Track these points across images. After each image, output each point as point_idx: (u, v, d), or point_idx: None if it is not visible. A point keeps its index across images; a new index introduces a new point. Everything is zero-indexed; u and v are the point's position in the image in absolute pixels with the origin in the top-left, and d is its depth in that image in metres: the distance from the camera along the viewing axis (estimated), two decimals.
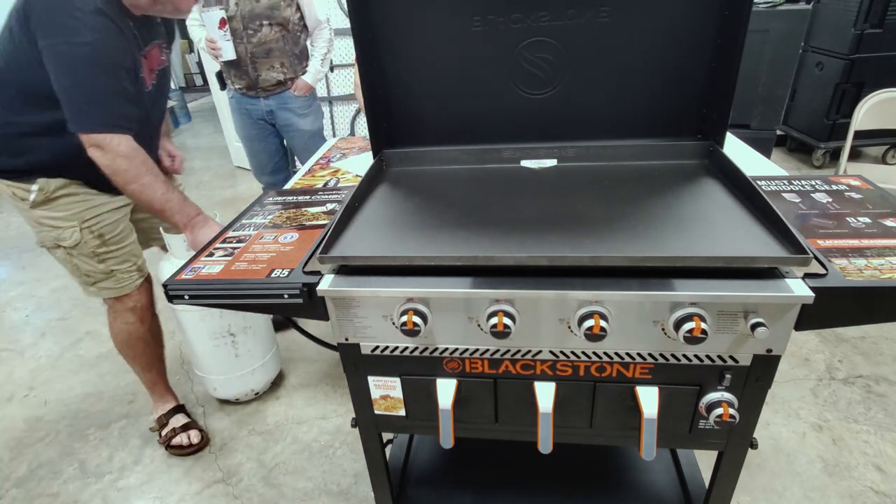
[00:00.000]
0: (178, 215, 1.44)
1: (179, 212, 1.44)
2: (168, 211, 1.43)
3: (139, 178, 1.36)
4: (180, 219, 1.45)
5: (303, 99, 2.50)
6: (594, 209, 0.98)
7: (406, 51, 1.18)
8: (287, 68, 2.40)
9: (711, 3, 1.05)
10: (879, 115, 2.49)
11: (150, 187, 1.39)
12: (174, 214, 1.44)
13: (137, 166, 1.35)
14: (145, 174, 1.37)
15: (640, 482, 1.31)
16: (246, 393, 2.02)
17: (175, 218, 1.44)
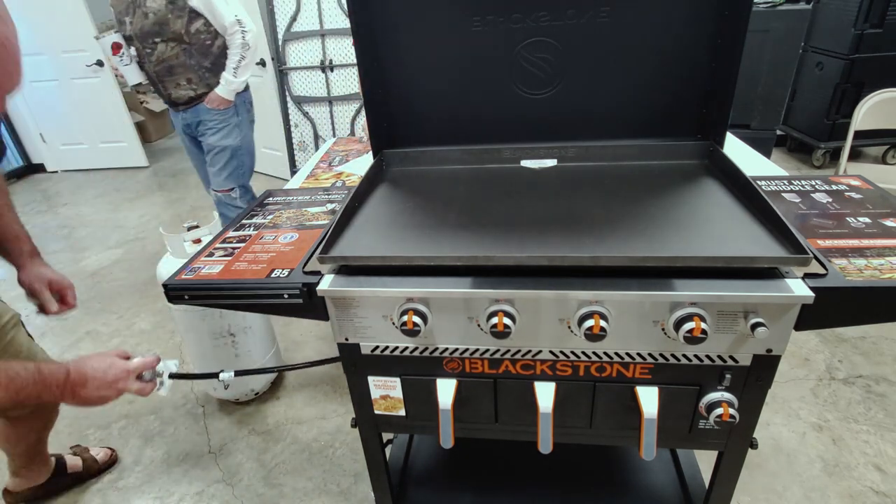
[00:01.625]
0: (42, 387, 0.97)
1: (44, 385, 0.96)
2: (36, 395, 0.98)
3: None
4: (54, 389, 0.98)
5: (216, 112, 2.29)
6: (594, 209, 0.98)
7: (406, 51, 1.18)
8: (197, 83, 2.23)
9: (711, 3, 1.05)
10: (879, 115, 2.49)
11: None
12: (38, 389, 0.97)
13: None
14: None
15: (640, 482, 1.31)
16: (246, 393, 2.02)
17: (47, 394, 0.98)
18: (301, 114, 3.69)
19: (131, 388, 1.03)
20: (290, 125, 3.77)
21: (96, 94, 4.61)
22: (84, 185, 4.63)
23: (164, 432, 1.96)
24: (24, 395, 0.96)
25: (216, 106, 2.27)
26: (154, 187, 4.46)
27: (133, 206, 4.10)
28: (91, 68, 4.45)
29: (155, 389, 1.08)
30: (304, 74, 3.58)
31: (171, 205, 4.07)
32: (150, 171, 4.86)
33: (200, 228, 1.78)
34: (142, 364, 1.05)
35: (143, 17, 2.06)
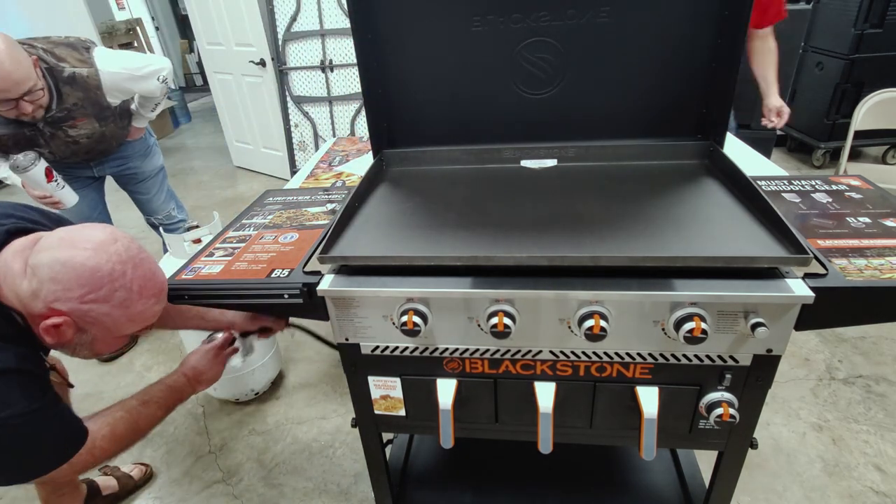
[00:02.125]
0: (179, 394, 1.12)
1: (179, 392, 1.12)
2: (174, 402, 1.13)
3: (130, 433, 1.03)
4: (186, 389, 1.14)
5: (138, 142, 2.22)
6: (594, 209, 0.98)
7: (406, 51, 1.18)
8: (120, 136, 2.07)
9: (711, 3, 1.05)
10: (879, 115, 2.49)
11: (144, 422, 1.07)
12: (179, 396, 1.12)
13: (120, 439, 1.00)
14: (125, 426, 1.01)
15: (640, 482, 1.31)
16: (246, 393, 2.02)
17: (185, 395, 1.14)
18: (301, 114, 3.69)
19: (227, 357, 1.22)
20: (290, 125, 3.77)
21: None
22: None
23: (164, 432, 1.96)
24: (158, 418, 1.08)
25: (136, 137, 2.17)
26: None
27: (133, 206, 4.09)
28: None
29: (240, 354, 1.28)
30: (304, 74, 3.58)
31: None
32: None
33: (200, 228, 1.78)
34: (222, 340, 1.22)
35: (68, 144, 1.85)
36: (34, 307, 0.85)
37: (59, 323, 0.84)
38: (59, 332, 0.86)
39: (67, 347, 0.92)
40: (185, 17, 6.88)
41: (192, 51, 7.67)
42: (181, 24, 7.51)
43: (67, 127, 1.79)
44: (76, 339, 0.89)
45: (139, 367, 2.29)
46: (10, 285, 0.85)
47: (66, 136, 1.81)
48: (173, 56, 7.73)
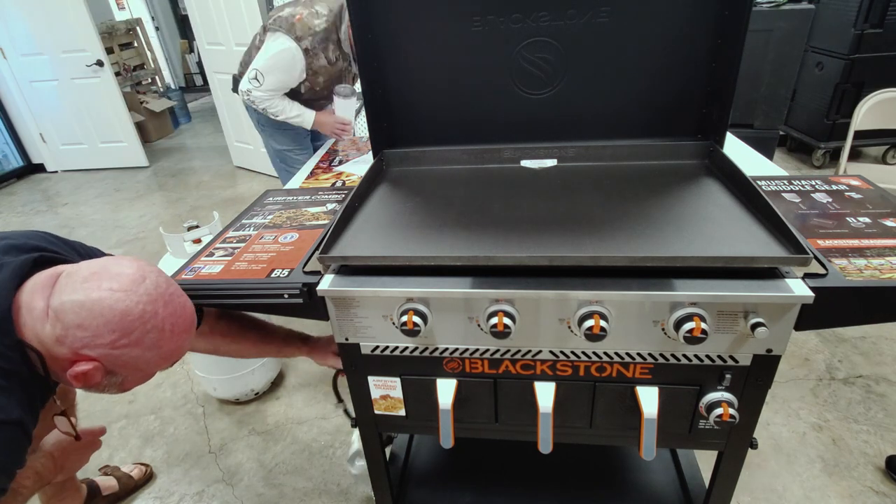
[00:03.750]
0: (42, 482, 0.98)
1: (42, 479, 0.98)
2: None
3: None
4: (48, 476, 0.99)
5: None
6: (594, 209, 0.98)
7: (406, 51, 1.18)
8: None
9: (711, 3, 1.05)
10: (879, 115, 2.49)
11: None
12: (41, 484, 0.98)
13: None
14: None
15: (640, 482, 1.31)
16: (246, 393, 2.02)
17: (46, 482, 0.99)
18: None
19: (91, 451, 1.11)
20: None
21: (96, 94, 4.61)
22: (84, 185, 4.63)
23: (164, 432, 1.96)
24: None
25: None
26: (154, 187, 4.46)
27: (133, 206, 4.10)
28: (91, 68, 4.45)
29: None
30: None
31: (171, 205, 4.06)
32: (150, 171, 4.86)
33: (200, 228, 1.78)
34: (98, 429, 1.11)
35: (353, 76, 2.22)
36: (59, 352, 0.79)
37: (89, 369, 0.79)
38: (88, 377, 0.80)
39: (94, 388, 0.85)
40: (185, 17, 6.89)
41: (192, 51, 7.67)
42: (181, 24, 7.51)
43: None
44: (105, 380, 0.83)
45: None
46: (31, 327, 0.79)
47: (353, 79, 2.21)
48: (173, 56, 7.74)
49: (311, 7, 1.95)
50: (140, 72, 5.76)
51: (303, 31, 1.91)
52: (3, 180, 4.77)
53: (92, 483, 1.65)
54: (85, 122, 4.77)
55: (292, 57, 1.94)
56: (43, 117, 4.79)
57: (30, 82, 4.62)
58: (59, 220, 3.99)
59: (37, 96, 4.68)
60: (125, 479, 1.71)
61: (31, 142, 4.90)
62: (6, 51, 4.47)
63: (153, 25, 7.27)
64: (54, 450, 1.01)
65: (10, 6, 4.26)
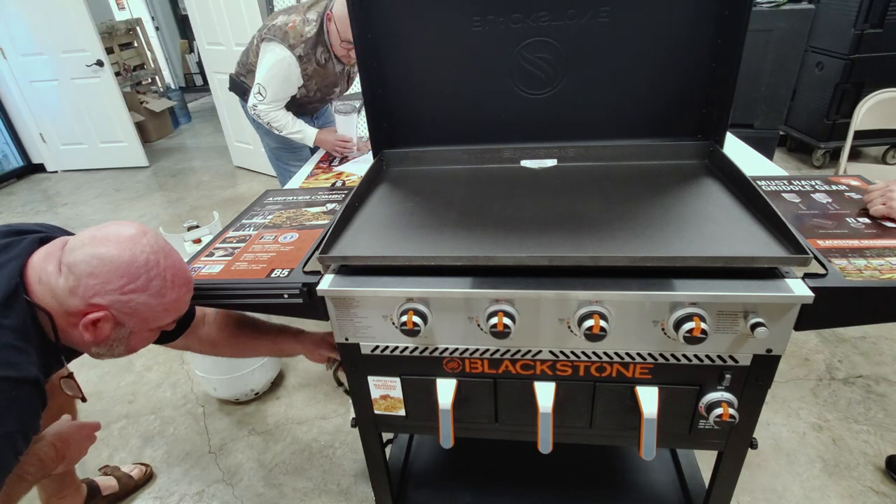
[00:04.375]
0: (45, 470, 1.00)
1: (46, 468, 1.00)
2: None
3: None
4: (50, 465, 1.02)
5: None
6: (594, 209, 0.98)
7: (406, 51, 1.18)
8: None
9: (711, 3, 1.05)
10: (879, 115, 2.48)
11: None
12: (44, 472, 1.01)
13: None
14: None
15: (640, 482, 1.31)
16: (246, 393, 2.02)
17: (48, 471, 1.02)
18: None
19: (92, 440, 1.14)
20: None
21: (96, 94, 4.61)
22: (84, 185, 4.63)
23: (164, 432, 1.96)
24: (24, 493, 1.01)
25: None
26: (154, 187, 4.46)
27: (133, 206, 4.10)
28: (91, 68, 4.45)
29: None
30: None
31: (171, 205, 4.06)
32: (150, 171, 4.86)
33: (200, 228, 1.78)
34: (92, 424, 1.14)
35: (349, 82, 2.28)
36: (72, 304, 0.86)
37: (100, 318, 0.86)
38: (98, 328, 0.88)
39: (104, 345, 0.93)
40: (185, 17, 6.89)
41: (192, 51, 7.67)
42: (181, 24, 7.51)
43: (354, 75, 2.26)
44: (114, 333, 0.91)
45: (139, 367, 2.29)
46: (46, 285, 0.87)
47: (348, 81, 2.26)
48: (173, 56, 7.74)
49: (303, 14, 1.98)
50: (140, 72, 5.76)
51: (295, 39, 1.96)
52: (3, 180, 4.77)
53: (92, 483, 1.65)
54: (85, 122, 4.77)
55: (288, 65, 1.99)
56: (43, 117, 4.79)
57: (30, 82, 4.61)
58: (59, 220, 3.98)
59: (37, 96, 4.67)
60: (125, 479, 1.71)
61: (31, 142, 4.90)
62: (6, 51, 4.47)
63: (153, 25, 7.27)
64: (55, 439, 1.05)
65: (10, 6, 4.26)
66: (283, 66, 1.98)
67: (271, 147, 2.39)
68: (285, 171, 2.43)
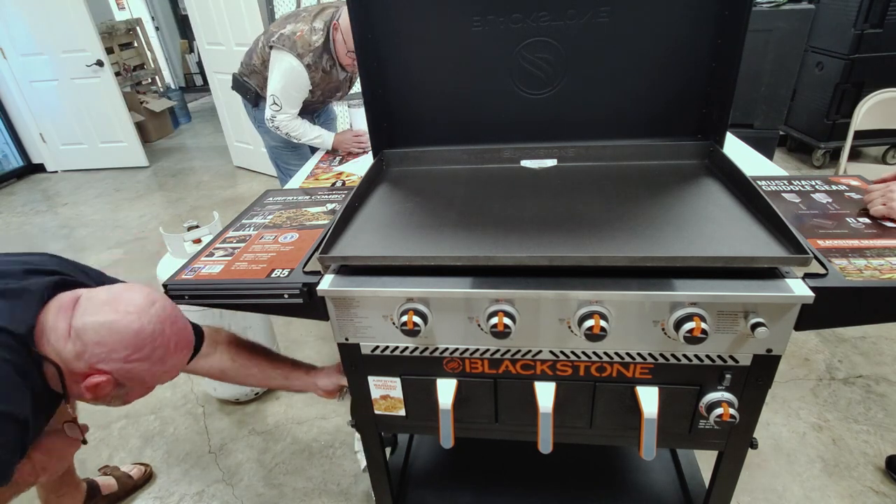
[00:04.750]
0: (16, 488, 0.99)
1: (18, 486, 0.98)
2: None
3: None
4: (29, 479, 1.01)
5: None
6: (594, 209, 0.98)
7: (406, 51, 1.18)
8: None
9: (711, 3, 1.05)
10: (879, 115, 2.48)
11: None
12: (16, 491, 1.00)
13: None
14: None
15: (640, 482, 1.31)
16: (246, 393, 2.02)
17: (24, 487, 1.00)
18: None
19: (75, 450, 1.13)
20: None
21: (96, 94, 4.61)
22: (84, 185, 4.63)
23: (164, 432, 1.96)
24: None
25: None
26: (154, 187, 4.46)
27: (133, 206, 4.10)
28: (91, 68, 4.45)
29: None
30: None
31: (171, 205, 4.06)
32: (150, 171, 4.86)
33: (200, 228, 1.78)
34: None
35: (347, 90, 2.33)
36: (76, 367, 0.89)
37: (102, 381, 0.89)
38: (99, 389, 0.90)
39: (102, 401, 0.97)
40: (185, 17, 6.89)
41: (192, 51, 7.67)
42: (181, 24, 7.51)
43: (355, 78, 2.30)
44: (113, 392, 0.93)
45: None
46: (54, 344, 0.88)
47: (349, 86, 2.32)
48: (173, 56, 7.74)
49: (310, 23, 2.01)
50: (140, 72, 5.76)
51: (304, 49, 1.99)
52: (3, 180, 4.77)
53: (92, 483, 1.65)
54: (85, 122, 4.77)
55: (299, 74, 2.03)
56: (43, 117, 4.79)
57: (30, 82, 4.62)
58: (59, 220, 3.98)
59: (37, 96, 4.67)
60: (125, 479, 1.71)
61: (31, 142, 4.90)
62: (6, 51, 4.47)
63: (153, 25, 7.27)
64: (32, 451, 1.01)
65: (10, 6, 4.26)
66: (294, 75, 2.03)
67: (271, 146, 2.41)
68: (286, 170, 2.44)
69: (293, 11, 2.15)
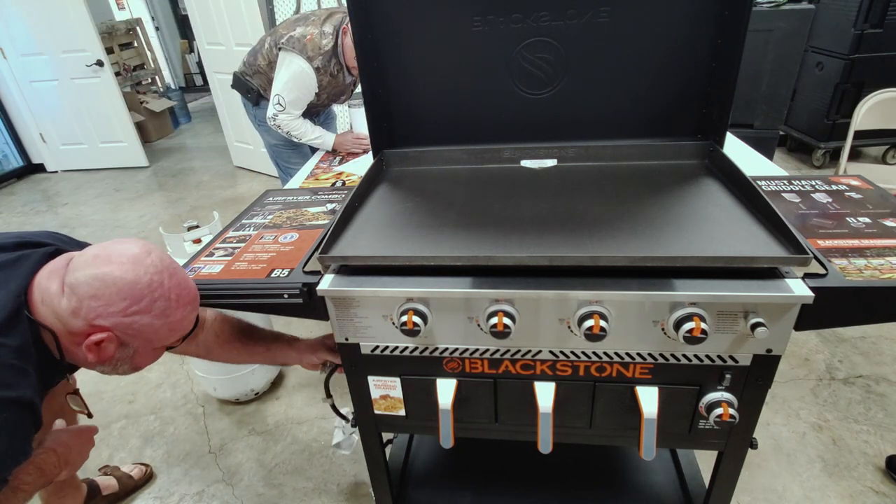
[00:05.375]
0: (46, 477, 0.95)
1: (47, 475, 0.95)
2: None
3: None
4: (52, 472, 0.98)
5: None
6: (594, 209, 0.98)
7: (406, 51, 1.18)
8: None
9: (711, 3, 1.05)
10: (879, 115, 2.48)
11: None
12: (46, 480, 0.96)
13: None
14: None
15: (640, 482, 1.31)
16: (246, 393, 2.02)
17: (50, 478, 0.97)
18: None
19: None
20: None
21: (96, 94, 4.61)
22: (84, 185, 4.63)
23: (164, 432, 1.96)
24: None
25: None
26: (154, 187, 4.46)
27: (133, 206, 4.10)
28: (91, 68, 4.45)
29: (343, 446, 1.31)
30: None
31: (171, 205, 4.06)
32: (150, 171, 4.86)
33: (200, 228, 1.78)
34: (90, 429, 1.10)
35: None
36: (74, 325, 0.84)
37: (103, 339, 0.84)
38: (102, 349, 0.85)
39: (108, 364, 0.90)
40: (185, 17, 6.89)
41: (192, 51, 7.67)
42: (181, 24, 7.51)
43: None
44: (118, 353, 0.88)
45: None
46: (49, 305, 0.84)
47: (353, 89, 2.33)
48: (173, 56, 7.74)
49: (320, 27, 2.02)
50: (140, 72, 5.76)
51: (314, 52, 2.01)
52: (3, 180, 4.77)
53: (92, 483, 1.65)
54: (85, 122, 4.77)
55: (308, 76, 2.04)
56: (43, 117, 4.79)
57: (30, 82, 4.62)
58: (59, 220, 3.99)
59: (37, 96, 4.68)
60: (125, 479, 1.71)
61: (31, 142, 4.90)
62: (6, 51, 4.47)
63: (153, 25, 7.27)
64: (56, 445, 1.01)
65: (10, 6, 4.26)
66: (302, 77, 2.04)
67: (271, 144, 2.42)
68: (286, 169, 2.45)
69: (302, 14, 2.16)
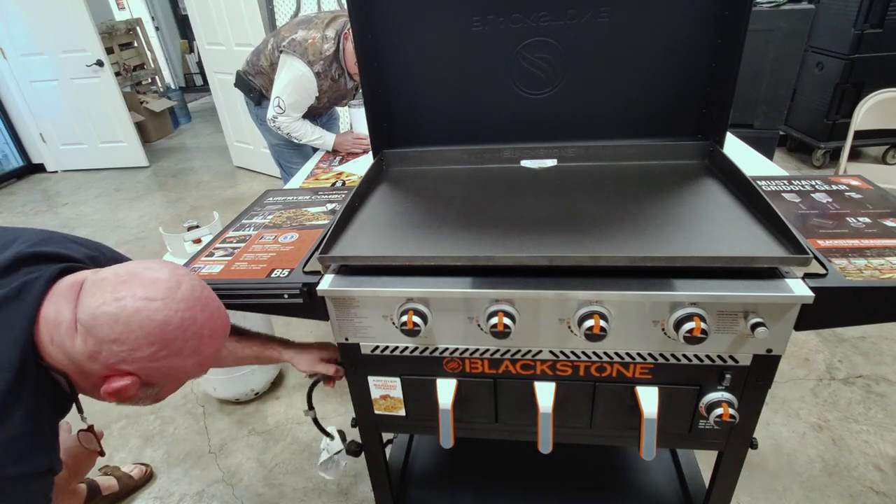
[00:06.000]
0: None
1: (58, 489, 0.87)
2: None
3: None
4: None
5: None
6: (594, 209, 0.98)
7: (406, 51, 1.18)
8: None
9: (711, 3, 1.05)
10: (879, 115, 2.49)
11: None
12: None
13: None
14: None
15: (640, 482, 1.31)
16: (246, 393, 2.02)
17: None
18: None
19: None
20: None
21: (96, 94, 4.61)
22: (84, 185, 4.63)
23: (164, 432, 1.96)
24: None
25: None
26: (154, 187, 4.46)
27: (133, 206, 4.10)
28: (91, 68, 4.45)
29: (331, 472, 1.30)
30: None
31: (171, 205, 4.06)
32: (150, 171, 4.86)
33: (200, 228, 1.78)
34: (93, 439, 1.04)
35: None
36: (91, 368, 0.71)
37: (126, 384, 0.72)
38: (123, 393, 0.73)
39: (128, 401, 0.78)
40: (185, 17, 6.89)
41: (192, 51, 7.67)
42: (181, 24, 7.51)
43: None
44: (140, 393, 0.76)
45: None
46: (60, 346, 0.71)
47: (356, 91, 2.32)
48: (173, 56, 7.74)
49: (322, 31, 2.03)
50: (140, 72, 5.76)
51: (315, 56, 2.01)
52: (3, 180, 4.77)
53: (92, 483, 1.65)
54: (85, 122, 4.77)
55: (308, 80, 2.05)
56: (43, 117, 4.79)
57: (30, 82, 4.62)
58: (59, 220, 3.98)
59: (37, 96, 4.68)
60: (125, 479, 1.71)
61: (31, 142, 4.90)
62: (6, 51, 4.47)
63: (153, 25, 7.27)
64: (67, 458, 0.96)
65: (10, 6, 4.26)
66: (302, 81, 2.05)
67: (273, 144, 2.43)
68: (288, 169, 2.46)
69: (306, 17, 2.16)
